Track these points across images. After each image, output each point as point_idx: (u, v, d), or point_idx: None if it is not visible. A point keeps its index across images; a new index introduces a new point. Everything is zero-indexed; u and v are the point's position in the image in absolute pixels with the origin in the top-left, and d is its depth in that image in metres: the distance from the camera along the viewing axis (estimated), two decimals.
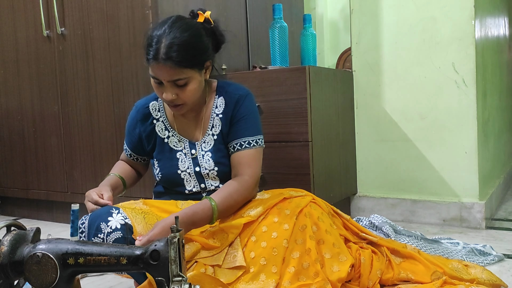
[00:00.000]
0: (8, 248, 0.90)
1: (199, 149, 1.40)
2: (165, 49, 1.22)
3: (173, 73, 1.24)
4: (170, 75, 1.24)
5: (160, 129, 1.43)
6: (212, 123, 1.41)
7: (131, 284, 1.51)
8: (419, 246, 1.64)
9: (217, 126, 1.40)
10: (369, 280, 1.25)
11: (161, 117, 1.43)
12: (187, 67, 1.25)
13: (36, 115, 2.38)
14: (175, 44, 1.22)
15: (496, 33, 2.69)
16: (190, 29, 1.26)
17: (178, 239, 0.88)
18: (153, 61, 1.23)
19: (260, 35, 2.39)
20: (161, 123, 1.43)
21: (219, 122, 1.40)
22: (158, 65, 1.23)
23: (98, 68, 2.09)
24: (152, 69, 1.26)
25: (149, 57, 1.24)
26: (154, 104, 1.44)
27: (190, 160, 1.39)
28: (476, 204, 2.03)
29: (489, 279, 1.30)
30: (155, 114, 1.44)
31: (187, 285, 0.86)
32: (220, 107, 1.41)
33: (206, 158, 1.39)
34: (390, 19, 2.20)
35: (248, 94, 1.41)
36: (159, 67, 1.24)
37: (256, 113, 1.40)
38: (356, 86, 2.30)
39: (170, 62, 1.22)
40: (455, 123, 2.06)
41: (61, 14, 2.19)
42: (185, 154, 1.40)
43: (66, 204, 2.31)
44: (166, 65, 1.23)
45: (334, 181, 2.08)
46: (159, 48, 1.23)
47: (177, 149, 1.40)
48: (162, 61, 1.22)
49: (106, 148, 2.12)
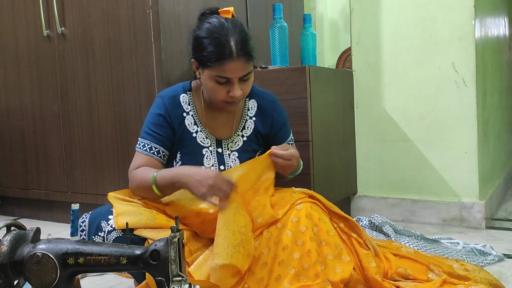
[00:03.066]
0: (8, 248, 0.90)
1: (226, 148, 1.40)
2: (239, 45, 1.25)
3: (245, 67, 1.28)
4: (243, 69, 1.27)
5: (190, 123, 1.39)
6: (243, 125, 1.43)
7: (131, 284, 1.51)
8: (419, 246, 1.64)
9: (248, 128, 1.43)
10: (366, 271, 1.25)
11: (191, 111, 1.40)
12: (251, 61, 1.29)
13: (36, 114, 2.38)
14: (243, 39, 1.26)
15: (496, 33, 2.69)
16: (241, 25, 1.30)
17: (178, 239, 0.88)
18: (227, 59, 1.24)
19: (260, 35, 2.39)
20: (191, 117, 1.40)
21: (251, 125, 1.43)
22: (233, 62, 1.25)
23: (98, 67, 2.09)
24: (223, 68, 1.25)
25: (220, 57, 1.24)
26: (184, 97, 1.41)
27: (215, 158, 1.39)
28: (476, 204, 2.03)
29: (486, 278, 1.30)
30: (185, 107, 1.40)
31: (187, 285, 0.87)
32: (252, 110, 1.45)
33: (232, 158, 1.39)
34: (390, 19, 2.20)
35: (277, 99, 1.51)
36: (234, 64, 1.25)
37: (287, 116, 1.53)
38: (356, 86, 2.30)
39: (244, 57, 1.26)
40: (455, 123, 2.06)
41: (61, 14, 2.19)
42: (211, 151, 1.39)
43: (66, 204, 2.31)
44: (240, 61, 1.25)
45: (334, 181, 2.08)
46: (232, 46, 1.24)
47: (203, 145, 1.39)
48: (237, 58, 1.25)
49: (106, 147, 2.12)
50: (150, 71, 1.91)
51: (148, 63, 1.91)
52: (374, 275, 1.23)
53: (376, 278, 1.23)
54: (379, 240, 1.54)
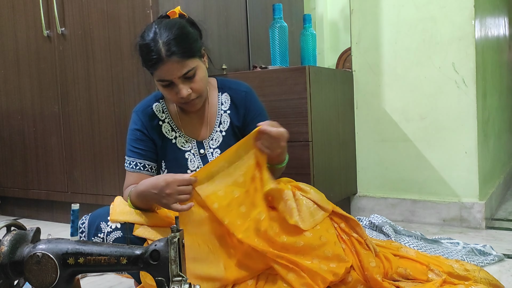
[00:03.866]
0: (8, 248, 0.90)
1: (207, 147, 1.41)
2: (165, 47, 1.24)
3: (181, 66, 1.26)
4: (179, 69, 1.26)
5: (167, 130, 1.42)
6: (219, 120, 1.43)
7: (131, 284, 1.51)
8: (419, 246, 1.64)
9: (225, 122, 1.43)
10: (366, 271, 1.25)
11: (166, 118, 1.42)
12: (190, 57, 1.27)
13: (36, 115, 2.38)
14: (171, 39, 1.25)
15: (496, 33, 2.69)
16: (175, 24, 1.29)
17: (178, 239, 0.88)
18: (159, 63, 1.25)
19: (260, 35, 2.39)
20: (167, 124, 1.42)
21: (227, 119, 1.43)
22: (164, 64, 1.25)
23: (98, 68, 2.09)
24: (160, 72, 1.27)
25: (152, 62, 1.25)
26: (157, 106, 1.44)
27: (199, 159, 1.40)
28: (476, 204, 2.03)
29: (486, 278, 1.30)
30: (160, 116, 1.42)
31: (187, 285, 0.87)
32: (226, 103, 1.44)
33: (215, 155, 1.40)
34: (390, 19, 2.20)
35: (251, 89, 1.48)
36: (166, 66, 1.25)
37: (263, 106, 1.49)
38: (356, 86, 2.30)
39: (175, 57, 1.24)
40: (455, 123, 2.06)
41: (61, 14, 2.19)
42: (194, 154, 1.40)
43: (66, 204, 2.31)
44: (172, 61, 1.25)
45: (334, 181, 2.08)
46: (159, 49, 1.24)
47: (185, 149, 1.40)
48: (166, 59, 1.24)
49: (106, 148, 2.12)
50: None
51: None
52: (374, 275, 1.23)
53: (376, 278, 1.23)
54: (379, 240, 1.54)
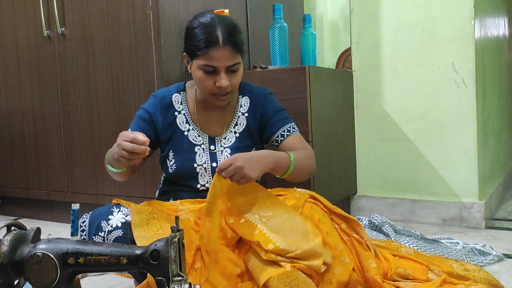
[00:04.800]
0: (8, 248, 0.90)
1: (219, 144, 1.42)
2: (225, 34, 1.28)
3: (232, 57, 1.29)
4: (230, 58, 1.29)
5: (181, 122, 1.43)
6: (236, 121, 1.44)
7: (131, 284, 1.52)
8: (419, 246, 1.64)
9: (241, 124, 1.44)
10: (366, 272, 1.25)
11: (183, 110, 1.44)
12: (239, 52, 1.31)
13: (37, 114, 2.38)
14: (230, 29, 1.29)
15: (496, 33, 2.69)
16: (231, 19, 1.34)
17: (178, 239, 0.88)
18: (213, 47, 1.27)
19: (260, 35, 2.40)
20: (183, 116, 1.43)
21: (244, 121, 1.44)
22: (219, 50, 1.27)
23: (98, 68, 2.09)
24: (209, 56, 1.28)
25: (206, 45, 1.27)
26: (177, 96, 1.45)
27: (208, 155, 1.40)
28: (476, 204, 2.03)
29: (486, 278, 1.31)
30: (177, 106, 1.44)
31: (187, 285, 0.87)
32: (245, 106, 1.46)
33: (225, 154, 1.40)
34: (390, 19, 2.20)
35: (271, 93, 1.50)
36: (220, 52, 1.28)
37: (282, 107, 1.49)
38: (356, 86, 2.30)
39: (230, 46, 1.28)
40: (455, 123, 2.07)
41: (61, 14, 2.19)
42: (204, 149, 1.41)
43: (66, 204, 2.31)
44: (226, 50, 1.28)
45: (334, 181, 2.08)
46: (217, 34, 1.27)
47: (196, 143, 1.41)
48: (223, 46, 1.27)
49: (106, 148, 2.10)
50: (150, 71, 1.91)
51: (148, 64, 1.91)
52: (375, 276, 1.23)
53: (376, 279, 1.23)
54: (379, 240, 1.54)
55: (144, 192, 2.00)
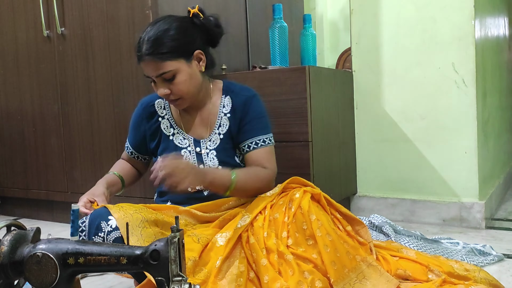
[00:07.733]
0: (8, 248, 0.90)
1: (204, 147, 1.41)
2: (144, 45, 1.29)
3: (156, 67, 1.29)
4: (154, 69, 1.30)
5: (165, 127, 1.44)
6: (219, 122, 1.43)
7: (131, 284, 1.51)
8: (419, 246, 1.64)
9: (224, 125, 1.42)
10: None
11: (166, 115, 1.45)
12: (168, 60, 1.29)
13: (36, 115, 2.38)
14: (151, 39, 1.28)
15: (496, 33, 2.69)
16: (169, 24, 1.32)
17: (178, 239, 0.88)
18: (139, 60, 1.32)
19: (260, 35, 2.39)
20: (166, 120, 1.45)
21: (226, 122, 1.42)
22: (144, 62, 1.30)
23: (98, 68, 2.09)
24: (143, 68, 1.32)
25: (137, 57, 1.32)
26: (160, 102, 1.47)
27: (194, 158, 1.41)
28: (476, 204, 2.03)
29: (486, 278, 1.31)
30: (160, 112, 1.46)
31: (187, 285, 0.87)
32: (228, 106, 1.43)
33: (210, 156, 1.40)
34: (390, 19, 2.20)
35: (255, 95, 1.44)
36: (144, 64, 1.31)
37: (265, 113, 1.44)
38: (356, 86, 2.30)
39: (150, 57, 1.28)
40: (455, 123, 2.06)
41: (61, 14, 2.19)
42: (190, 151, 1.41)
43: (66, 204, 2.31)
44: (148, 61, 1.29)
45: (334, 181, 2.08)
46: (141, 46, 1.30)
47: (182, 146, 1.42)
48: (143, 58, 1.29)
49: (106, 148, 2.12)
50: None
51: None
52: None
53: None
54: (379, 241, 1.54)
55: (144, 192, 2.00)
